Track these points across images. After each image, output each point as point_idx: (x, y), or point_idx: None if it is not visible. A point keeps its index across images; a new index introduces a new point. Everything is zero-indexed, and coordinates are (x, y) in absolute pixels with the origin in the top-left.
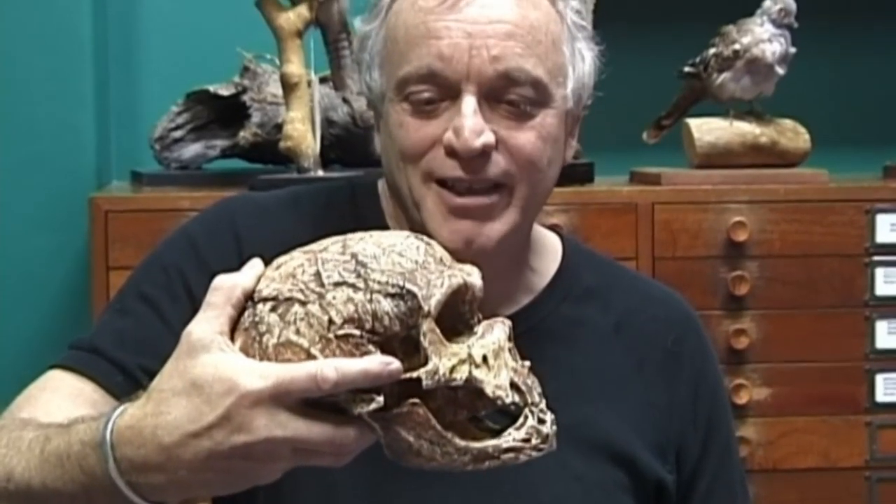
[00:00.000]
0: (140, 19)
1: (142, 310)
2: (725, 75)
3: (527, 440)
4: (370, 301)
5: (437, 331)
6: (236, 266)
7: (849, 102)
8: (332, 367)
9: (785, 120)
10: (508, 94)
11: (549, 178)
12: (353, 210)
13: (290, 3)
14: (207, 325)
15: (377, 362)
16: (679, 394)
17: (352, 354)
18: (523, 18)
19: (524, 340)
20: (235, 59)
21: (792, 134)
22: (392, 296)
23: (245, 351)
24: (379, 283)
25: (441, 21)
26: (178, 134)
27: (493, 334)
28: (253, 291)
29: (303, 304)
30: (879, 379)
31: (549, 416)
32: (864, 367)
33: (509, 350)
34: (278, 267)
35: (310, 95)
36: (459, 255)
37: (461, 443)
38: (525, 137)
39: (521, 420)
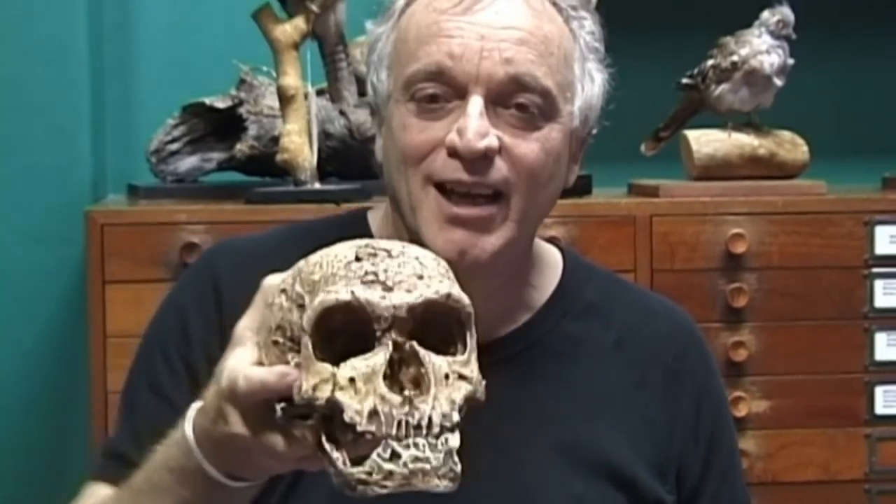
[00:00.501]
0: (136, 32)
1: (151, 400)
2: (723, 87)
3: (369, 473)
4: (290, 310)
5: (309, 347)
6: (217, 330)
7: (847, 114)
8: (243, 377)
9: (783, 131)
10: (516, 99)
11: (547, 195)
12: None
13: (287, 16)
14: (244, 321)
15: (275, 374)
16: (680, 411)
17: (279, 359)
18: (538, 28)
19: (524, 358)
20: (232, 71)
21: (790, 145)
22: (300, 307)
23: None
24: (296, 293)
25: (454, 21)
26: (174, 147)
27: (374, 357)
28: None
29: (267, 306)
30: (879, 391)
31: (407, 454)
32: (864, 379)
33: (388, 376)
34: None
35: (306, 108)
36: (453, 266)
37: (339, 465)
38: (529, 147)
39: (373, 453)
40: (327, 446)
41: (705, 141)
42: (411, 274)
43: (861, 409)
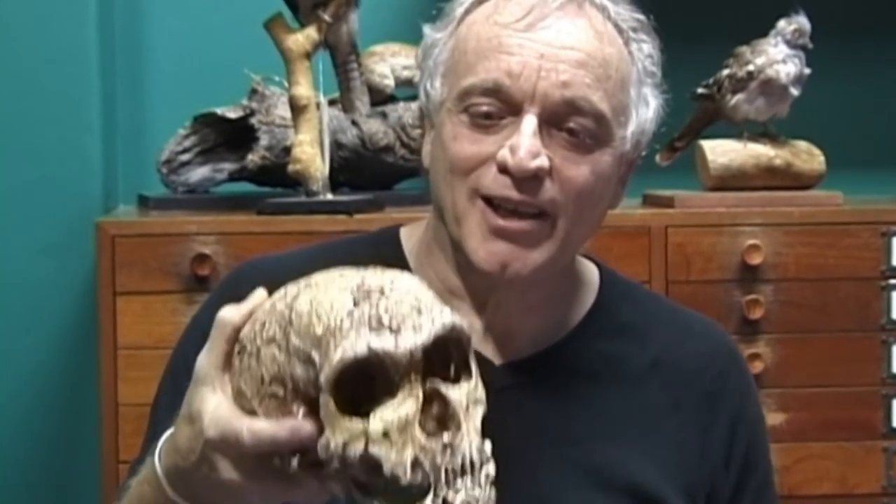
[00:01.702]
0: (147, 42)
1: (171, 420)
2: (739, 97)
3: None
4: (288, 363)
5: (331, 404)
6: None
7: (864, 124)
8: (247, 431)
9: (799, 142)
10: (569, 123)
11: (593, 218)
12: (380, 263)
13: (299, 25)
14: (205, 358)
15: (286, 428)
16: (714, 434)
17: (278, 411)
18: (598, 50)
19: (556, 377)
20: (243, 81)
21: (806, 156)
22: (303, 361)
23: (232, 388)
24: (294, 346)
25: (515, 38)
26: (185, 157)
27: (404, 407)
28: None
29: (249, 355)
30: None
31: (459, 498)
32: (881, 391)
33: (423, 423)
34: (265, 303)
35: (318, 118)
36: (493, 279)
37: None
38: (579, 171)
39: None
40: (359, 494)
41: (721, 151)
42: (411, 309)
43: (878, 423)
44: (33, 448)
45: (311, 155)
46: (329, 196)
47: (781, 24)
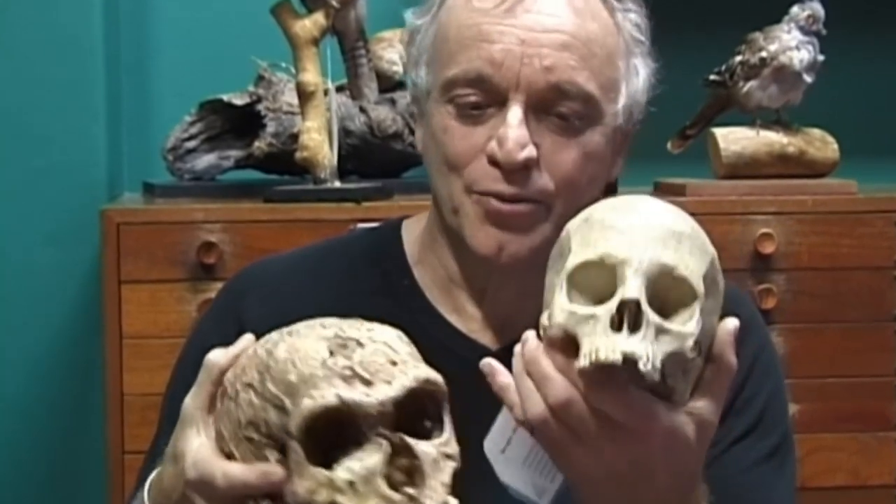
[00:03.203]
0: (152, 28)
1: (169, 430)
2: (752, 84)
3: None
4: (263, 409)
5: (300, 451)
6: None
7: (878, 111)
8: (221, 474)
9: (813, 129)
10: (557, 107)
11: (588, 196)
12: (377, 261)
13: (306, 11)
14: (192, 399)
15: (257, 473)
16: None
17: (255, 455)
18: (580, 29)
19: None
20: (250, 67)
21: (820, 143)
22: (276, 407)
23: (215, 430)
24: (270, 392)
25: (495, 25)
26: (191, 144)
27: (370, 458)
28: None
29: (229, 398)
30: None
31: None
32: (894, 382)
33: (388, 476)
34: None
35: (326, 105)
36: (490, 262)
37: None
38: (569, 155)
39: None
40: None
41: (733, 139)
42: (385, 361)
43: (891, 413)
44: (38, 438)
45: (318, 142)
46: (337, 184)
47: (795, 9)
